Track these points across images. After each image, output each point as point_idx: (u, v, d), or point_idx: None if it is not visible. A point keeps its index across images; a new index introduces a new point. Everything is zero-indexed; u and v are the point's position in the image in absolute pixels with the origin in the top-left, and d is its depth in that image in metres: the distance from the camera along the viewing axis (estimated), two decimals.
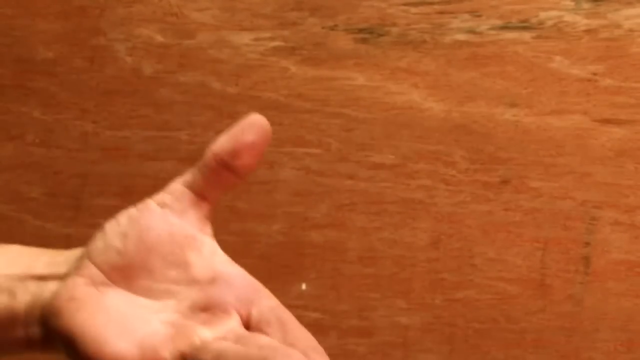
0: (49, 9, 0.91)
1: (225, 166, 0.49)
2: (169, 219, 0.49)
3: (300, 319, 1.00)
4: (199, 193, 0.50)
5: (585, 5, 0.83)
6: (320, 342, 0.99)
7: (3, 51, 0.92)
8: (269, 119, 0.92)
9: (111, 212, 0.50)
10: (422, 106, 0.87)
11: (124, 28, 0.90)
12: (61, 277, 0.50)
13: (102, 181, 0.92)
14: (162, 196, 0.50)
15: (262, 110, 0.90)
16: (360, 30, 0.87)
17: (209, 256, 0.50)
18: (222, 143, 0.50)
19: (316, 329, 0.92)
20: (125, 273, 0.49)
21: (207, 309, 0.48)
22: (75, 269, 0.49)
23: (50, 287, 0.50)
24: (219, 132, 0.84)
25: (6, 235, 0.55)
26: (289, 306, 0.96)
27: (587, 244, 0.86)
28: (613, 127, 0.84)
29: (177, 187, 0.50)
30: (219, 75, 0.89)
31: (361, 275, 0.90)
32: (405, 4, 0.86)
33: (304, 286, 0.90)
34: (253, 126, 0.51)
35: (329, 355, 0.91)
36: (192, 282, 0.49)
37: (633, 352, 0.86)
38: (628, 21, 0.82)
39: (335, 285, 0.90)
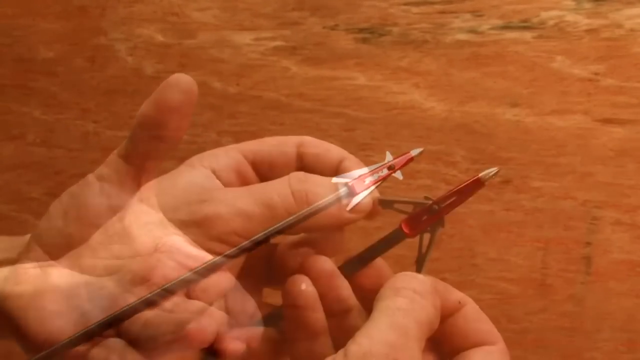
0: (50, 9, 0.91)
1: (152, 135, 0.48)
2: (107, 191, 0.48)
3: None
4: (135, 163, 0.49)
5: (587, 5, 0.83)
6: None
7: (4, 51, 0.92)
8: (269, 119, 0.92)
9: None
10: (423, 106, 0.87)
11: (125, 28, 0.90)
12: (13, 262, 0.50)
13: None
14: (101, 169, 0.49)
15: (263, 110, 0.90)
16: (361, 30, 0.87)
17: (152, 227, 0.49)
18: (146, 110, 0.48)
19: None
20: (69, 252, 0.48)
21: (147, 279, 0.47)
22: (24, 252, 0.49)
23: (4, 272, 0.50)
24: (220, 132, 0.83)
25: (6, 235, 0.56)
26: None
27: (589, 243, 0.86)
28: (614, 127, 0.84)
29: (113, 158, 0.49)
30: (219, 75, 0.89)
31: None
32: (406, 4, 0.86)
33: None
34: (176, 88, 0.47)
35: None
36: (134, 254, 0.48)
37: (634, 352, 0.86)
38: (629, 21, 0.82)
39: None
